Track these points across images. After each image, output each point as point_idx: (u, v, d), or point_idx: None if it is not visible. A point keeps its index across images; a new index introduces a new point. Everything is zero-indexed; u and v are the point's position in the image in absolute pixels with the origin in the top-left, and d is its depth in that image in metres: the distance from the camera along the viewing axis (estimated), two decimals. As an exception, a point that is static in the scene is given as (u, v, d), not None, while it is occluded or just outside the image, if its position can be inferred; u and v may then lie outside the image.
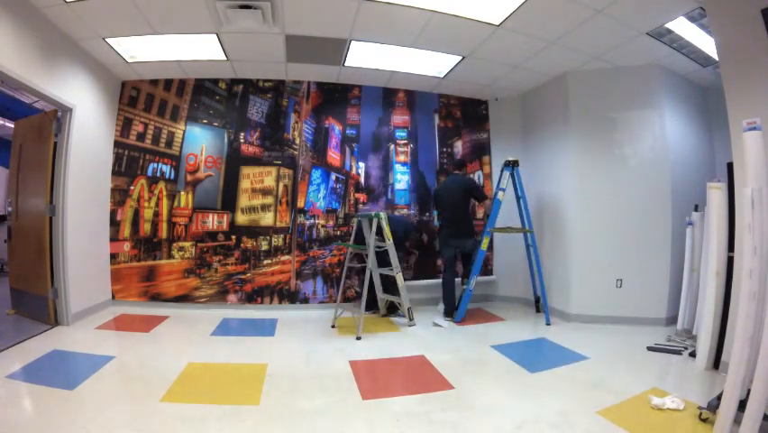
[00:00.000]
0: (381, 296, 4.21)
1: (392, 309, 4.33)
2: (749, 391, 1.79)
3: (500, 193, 4.11)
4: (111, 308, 4.15)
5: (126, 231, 4.36)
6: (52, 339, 3.17)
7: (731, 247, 2.74)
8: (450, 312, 4.14)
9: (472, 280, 4.05)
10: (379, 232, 3.75)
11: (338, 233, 4.71)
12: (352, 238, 4.26)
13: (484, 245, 4.08)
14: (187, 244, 4.42)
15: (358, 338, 3.46)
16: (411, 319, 3.92)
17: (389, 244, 3.78)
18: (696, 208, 3.52)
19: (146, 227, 4.38)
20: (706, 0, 2.76)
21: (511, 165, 4.14)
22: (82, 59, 3.72)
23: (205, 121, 4.54)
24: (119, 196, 4.36)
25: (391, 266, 3.84)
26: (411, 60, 4.06)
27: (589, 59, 3.85)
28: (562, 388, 2.53)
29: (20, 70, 2.90)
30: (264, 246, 4.53)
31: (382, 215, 3.74)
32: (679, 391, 2.39)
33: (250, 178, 4.55)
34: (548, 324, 3.94)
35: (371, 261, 3.69)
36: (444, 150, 5.05)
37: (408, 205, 4.89)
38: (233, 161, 4.53)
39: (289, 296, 4.54)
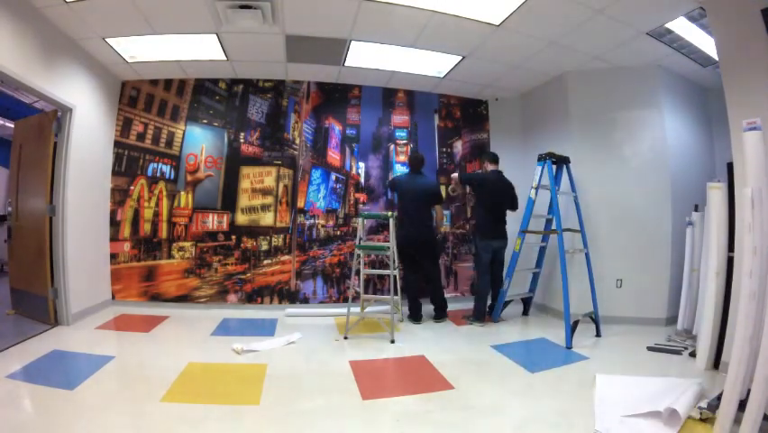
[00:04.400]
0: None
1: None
2: (749, 391, 1.79)
3: (532, 191, 3.88)
4: (111, 308, 4.14)
5: (126, 231, 4.36)
6: (52, 339, 3.17)
7: (731, 247, 2.74)
8: (481, 317, 3.95)
9: (507, 282, 3.96)
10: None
11: (338, 233, 4.71)
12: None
13: (516, 247, 3.95)
14: (187, 244, 4.42)
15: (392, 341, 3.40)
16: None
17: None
18: (696, 208, 3.52)
19: (146, 227, 4.38)
20: (706, 0, 2.76)
21: (548, 160, 3.74)
22: (82, 59, 3.72)
23: (205, 121, 4.53)
24: (119, 196, 4.36)
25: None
26: (411, 60, 4.06)
27: (589, 59, 3.85)
28: (562, 388, 2.53)
29: (20, 70, 2.90)
30: (264, 246, 4.53)
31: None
32: (679, 391, 2.38)
33: (250, 178, 4.55)
34: (598, 336, 3.58)
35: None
36: (444, 150, 5.04)
37: (408, 205, 4.88)
38: (233, 161, 4.53)
39: (289, 296, 4.54)
